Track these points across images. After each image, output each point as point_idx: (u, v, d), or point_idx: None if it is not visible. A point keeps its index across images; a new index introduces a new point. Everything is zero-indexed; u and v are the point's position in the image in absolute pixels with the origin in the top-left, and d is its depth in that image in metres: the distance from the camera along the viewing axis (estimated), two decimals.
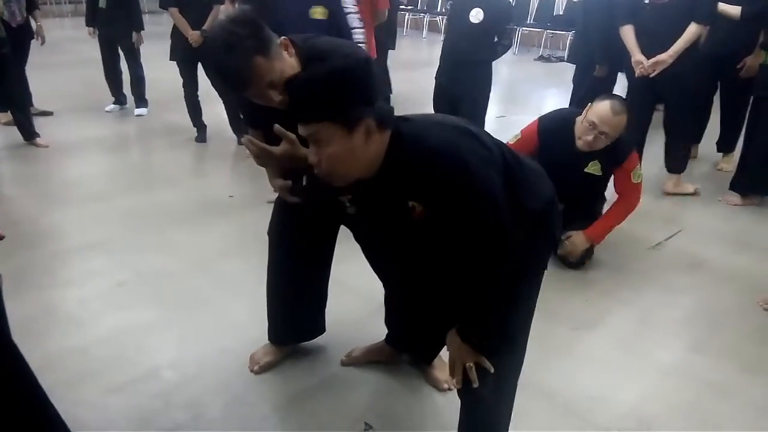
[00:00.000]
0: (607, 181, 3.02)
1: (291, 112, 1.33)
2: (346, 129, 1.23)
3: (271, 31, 1.57)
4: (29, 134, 4.37)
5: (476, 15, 3.64)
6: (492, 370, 1.48)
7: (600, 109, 2.71)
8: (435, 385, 2.10)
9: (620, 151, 2.83)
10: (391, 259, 1.84)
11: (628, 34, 3.64)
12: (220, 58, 1.50)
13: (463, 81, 3.80)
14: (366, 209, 1.51)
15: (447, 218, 1.31)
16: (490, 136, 1.45)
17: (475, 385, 1.49)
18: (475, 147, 1.31)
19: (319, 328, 2.22)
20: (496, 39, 3.83)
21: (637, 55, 3.59)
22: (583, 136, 2.76)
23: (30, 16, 4.71)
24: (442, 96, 3.96)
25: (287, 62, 1.58)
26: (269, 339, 2.18)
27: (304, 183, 1.72)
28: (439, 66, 4.01)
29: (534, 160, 1.61)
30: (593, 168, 2.86)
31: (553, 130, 2.85)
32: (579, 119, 2.80)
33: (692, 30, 3.47)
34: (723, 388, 2.16)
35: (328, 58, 1.41)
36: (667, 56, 3.49)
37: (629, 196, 2.92)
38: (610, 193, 3.09)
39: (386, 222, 1.47)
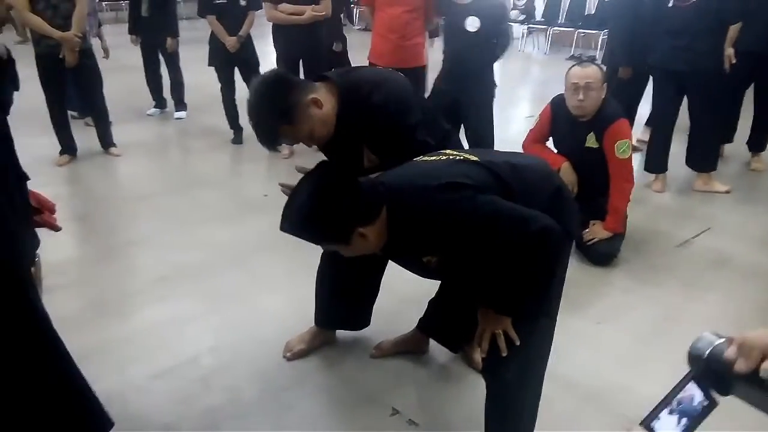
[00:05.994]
0: None
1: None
2: (344, 243, 1.46)
3: (299, 92, 1.73)
4: (106, 144, 4.59)
5: (473, 23, 3.59)
6: (517, 342, 1.53)
7: (570, 72, 2.90)
8: (476, 367, 2.12)
9: (607, 114, 2.89)
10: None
11: None
12: (252, 124, 1.76)
13: (469, 88, 3.73)
14: (392, 258, 1.73)
15: (474, 257, 1.44)
16: (480, 165, 1.52)
17: (504, 353, 1.53)
18: (455, 197, 1.41)
19: (367, 320, 2.29)
20: (495, 41, 3.80)
21: None
22: (572, 103, 2.88)
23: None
24: (441, 103, 3.70)
25: (316, 119, 1.75)
26: (315, 322, 2.27)
27: None
28: (443, 75, 3.85)
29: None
30: (591, 141, 2.93)
31: (560, 106, 2.99)
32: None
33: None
34: None
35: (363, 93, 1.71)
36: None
37: (617, 173, 2.92)
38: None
39: (411, 267, 1.66)
